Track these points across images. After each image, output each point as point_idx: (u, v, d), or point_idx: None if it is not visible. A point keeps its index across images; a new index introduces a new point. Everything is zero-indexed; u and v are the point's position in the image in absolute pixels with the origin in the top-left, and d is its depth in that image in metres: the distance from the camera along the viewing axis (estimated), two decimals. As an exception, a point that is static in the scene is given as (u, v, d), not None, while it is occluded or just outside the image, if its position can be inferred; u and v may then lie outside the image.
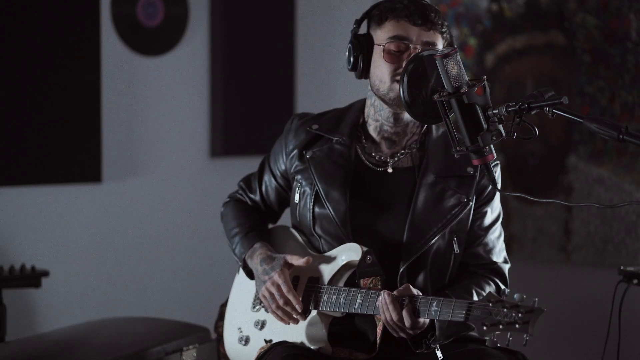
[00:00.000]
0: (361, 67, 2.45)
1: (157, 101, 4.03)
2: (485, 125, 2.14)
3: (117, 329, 3.21)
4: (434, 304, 2.21)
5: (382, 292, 2.28)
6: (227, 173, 4.00)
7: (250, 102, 4.19)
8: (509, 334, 2.06)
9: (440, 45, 2.42)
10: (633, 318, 3.09)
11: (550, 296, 3.80)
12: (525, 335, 2.05)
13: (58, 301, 3.77)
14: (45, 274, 3.45)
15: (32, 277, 3.42)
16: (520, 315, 2.05)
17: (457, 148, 2.19)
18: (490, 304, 2.09)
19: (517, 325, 2.05)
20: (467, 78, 2.15)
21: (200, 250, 4.13)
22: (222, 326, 2.65)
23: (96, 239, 3.90)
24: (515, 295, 2.08)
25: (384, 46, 2.41)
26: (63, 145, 3.73)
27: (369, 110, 2.52)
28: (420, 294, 2.29)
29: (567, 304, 3.87)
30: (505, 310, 2.07)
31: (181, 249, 4.09)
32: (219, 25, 4.11)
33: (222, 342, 2.64)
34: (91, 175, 3.81)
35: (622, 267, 3.06)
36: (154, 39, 3.99)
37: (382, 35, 2.43)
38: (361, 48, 2.45)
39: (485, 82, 2.16)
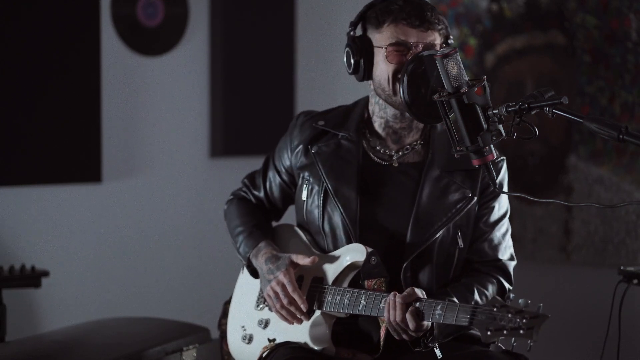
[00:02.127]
0: (363, 70, 2.45)
1: (157, 101, 4.03)
2: (485, 125, 2.14)
3: (117, 329, 3.21)
4: (438, 308, 2.20)
5: (391, 294, 2.27)
6: (227, 173, 4.00)
7: (250, 102, 4.19)
8: (512, 339, 2.05)
9: (438, 42, 2.41)
10: (633, 318, 3.09)
11: (550, 296, 3.82)
12: (529, 341, 2.04)
13: (58, 301, 3.77)
14: (45, 274, 3.44)
15: (32, 277, 3.42)
16: (524, 321, 2.03)
17: (457, 148, 2.20)
18: (495, 309, 2.08)
19: (521, 331, 2.03)
20: (467, 78, 2.15)
21: (200, 250, 4.13)
22: (225, 323, 2.64)
23: (96, 239, 3.90)
24: (520, 300, 2.07)
25: (385, 49, 2.40)
26: (63, 145, 3.73)
27: (373, 108, 2.52)
28: (425, 296, 2.28)
29: (567, 304, 3.87)
30: (509, 315, 2.05)
31: (181, 249, 4.09)
32: (219, 25, 4.11)
33: (226, 339, 2.63)
34: (91, 175, 3.81)
35: (622, 267, 3.06)
36: (154, 39, 3.99)
37: (381, 39, 2.42)
38: (361, 52, 2.44)
39: (485, 82, 2.16)
